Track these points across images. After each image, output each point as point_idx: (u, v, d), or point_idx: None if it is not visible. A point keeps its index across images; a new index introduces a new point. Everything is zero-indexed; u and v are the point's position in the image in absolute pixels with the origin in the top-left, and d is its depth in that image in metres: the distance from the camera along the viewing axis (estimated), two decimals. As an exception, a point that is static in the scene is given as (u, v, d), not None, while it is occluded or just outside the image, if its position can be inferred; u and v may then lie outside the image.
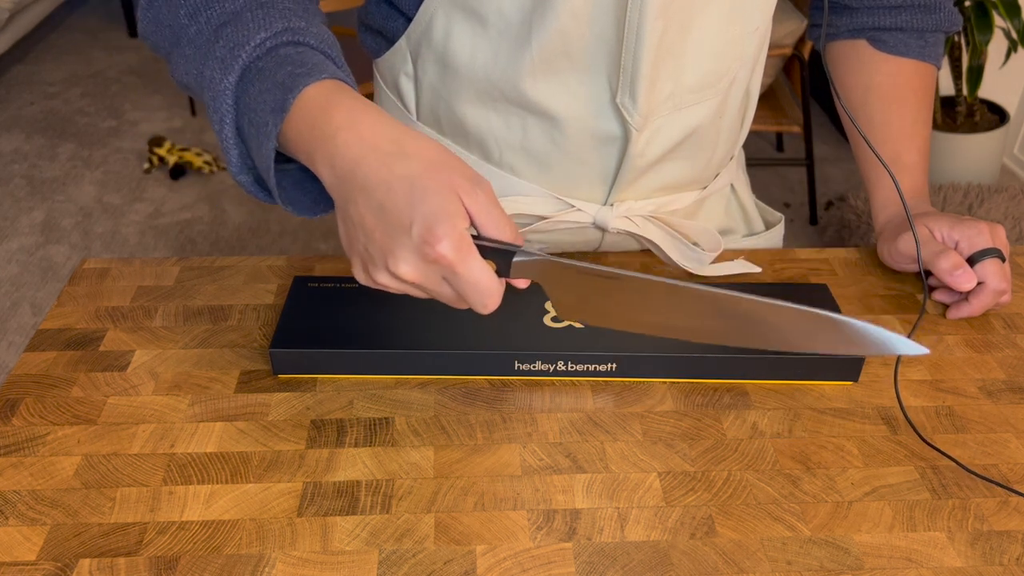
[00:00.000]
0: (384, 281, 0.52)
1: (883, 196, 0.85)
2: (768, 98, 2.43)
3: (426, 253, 0.49)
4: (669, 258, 0.79)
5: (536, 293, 0.71)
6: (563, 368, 0.66)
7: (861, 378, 0.68)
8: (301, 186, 0.58)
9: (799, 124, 2.35)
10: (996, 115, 2.56)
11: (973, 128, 2.51)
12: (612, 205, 0.80)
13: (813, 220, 2.55)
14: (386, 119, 0.52)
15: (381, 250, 0.51)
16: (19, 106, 3.18)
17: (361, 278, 0.54)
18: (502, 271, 0.53)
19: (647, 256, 0.83)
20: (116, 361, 0.68)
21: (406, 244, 0.50)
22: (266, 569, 0.52)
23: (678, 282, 0.53)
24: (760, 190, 2.65)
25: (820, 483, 0.59)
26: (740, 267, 0.80)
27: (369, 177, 0.50)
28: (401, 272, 0.51)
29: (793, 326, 0.52)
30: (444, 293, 0.52)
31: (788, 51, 2.20)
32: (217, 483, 0.58)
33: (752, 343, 0.53)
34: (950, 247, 0.76)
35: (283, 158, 0.58)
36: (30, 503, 0.56)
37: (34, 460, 0.59)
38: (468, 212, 0.50)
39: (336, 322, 0.67)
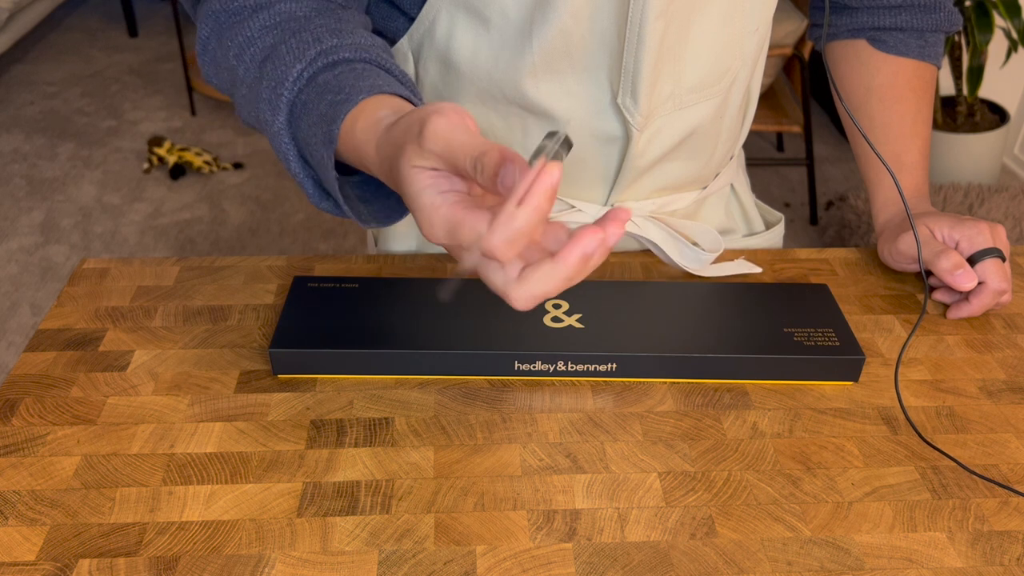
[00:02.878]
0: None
1: (883, 196, 0.85)
2: (768, 98, 2.43)
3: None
4: (669, 258, 0.79)
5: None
6: (563, 368, 0.66)
7: (861, 378, 0.68)
8: (381, 189, 0.60)
9: (799, 124, 2.35)
10: (996, 115, 2.56)
11: (973, 128, 2.51)
12: (612, 205, 0.80)
13: (813, 220, 2.55)
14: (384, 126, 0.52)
15: None
16: (19, 106, 3.18)
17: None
18: None
19: (647, 256, 0.82)
20: (116, 361, 0.68)
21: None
22: (266, 569, 0.52)
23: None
24: (760, 190, 2.65)
25: (820, 483, 0.59)
26: (740, 267, 0.80)
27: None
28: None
29: None
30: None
31: (788, 51, 2.21)
32: (217, 483, 0.58)
33: None
34: (950, 247, 0.76)
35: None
36: (30, 503, 0.56)
37: (34, 460, 0.59)
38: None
39: (336, 322, 0.67)
